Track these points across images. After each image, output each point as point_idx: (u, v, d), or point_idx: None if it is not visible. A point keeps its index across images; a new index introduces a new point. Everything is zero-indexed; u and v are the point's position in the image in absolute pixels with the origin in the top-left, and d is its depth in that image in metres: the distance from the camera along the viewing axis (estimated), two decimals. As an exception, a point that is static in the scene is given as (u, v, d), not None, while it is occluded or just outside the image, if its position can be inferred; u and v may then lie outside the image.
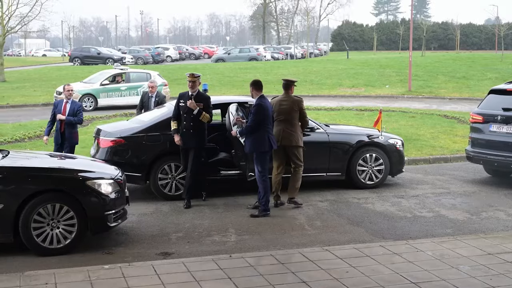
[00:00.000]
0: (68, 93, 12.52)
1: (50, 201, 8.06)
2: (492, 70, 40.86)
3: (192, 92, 10.72)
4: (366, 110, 23.75)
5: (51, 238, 8.08)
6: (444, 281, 6.87)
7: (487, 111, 12.62)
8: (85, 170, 8.73)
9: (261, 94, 10.45)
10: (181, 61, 70.08)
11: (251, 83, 10.63)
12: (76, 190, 8.23)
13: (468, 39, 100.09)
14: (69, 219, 8.14)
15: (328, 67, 45.53)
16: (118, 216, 8.64)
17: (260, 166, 10.16)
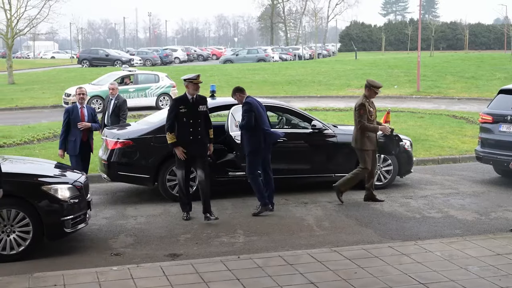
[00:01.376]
0: (80, 97, 11.38)
1: (5, 206, 7.85)
2: (501, 70, 40.71)
3: (194, 94, 9.91)
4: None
5: (4, 245, 7.89)
6: (452, 282, 6.85)
7: (497, 111, 12.58)
8: (42, 175, 8.50)
9: (247, 96, 10.47)
10: (189, 62, 70.23)
11: (234, 90, 10.48)
12: (31, 195, 8.02)
13: (477, 39, 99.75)
14: (24, 225, 7.95)
15: (336, 68, 45.49)
16: (78, 221, 8.40)
17: (249, 164, 10.29)
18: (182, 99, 9.96)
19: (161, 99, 26.83)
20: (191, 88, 9.83)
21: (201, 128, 9.84)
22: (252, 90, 32.70)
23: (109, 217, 10.19)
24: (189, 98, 9.86)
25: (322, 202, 11.14)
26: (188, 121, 9.75)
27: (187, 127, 9.75)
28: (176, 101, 10.06)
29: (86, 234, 9.21)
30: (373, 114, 11.01)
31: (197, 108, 9.83)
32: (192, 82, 9.80)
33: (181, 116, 9.75)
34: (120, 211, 10.54)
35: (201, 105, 9.92)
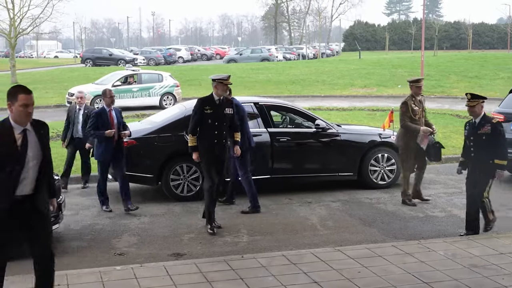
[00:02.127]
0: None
1: None
2: (504, 69, 40.64)
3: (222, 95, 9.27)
4: (378, 110, 23.68)
5: None
6: (456, 281, 6.85)
7: (509, 110, 12.61)
8: None
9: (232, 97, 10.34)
10: (193, 62, 70.20)
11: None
12: None
13: (481, 39, 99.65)
14: None
15: (340, 67, 45.45)
16: None
17: (240, 166, 10.41)
18: (208, 100, 9.26)
19: (165, 99, 26.84)
20: (220, 89, 9.18)
21: (226, 132, 9.28)
22: (256, 90, 32.73)
23: (112, 217, 10.20)
24: (215, 99, 9.20)
25: (325, 201, 11.13)
26: (213, 123, 9.10)
27: (212, 130, 9.11)
28: (202, 101, 9.24)
29: (89, 233, 9.23)
30: (418, 113, 10.70)
31: (224, 110, 9.22)
32: (221, 82, 9.16)
33: (206, 117, 9.10)
34: (124, 211, 10.55)
35: (227, 107, 9.31)
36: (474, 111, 8.68)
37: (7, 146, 5.41)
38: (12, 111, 5.43)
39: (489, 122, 8.63)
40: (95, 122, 10.52)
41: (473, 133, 8.70)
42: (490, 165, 8.60)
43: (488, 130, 8.55)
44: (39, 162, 5.56)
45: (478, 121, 8.67)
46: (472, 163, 8.80)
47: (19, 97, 5.42)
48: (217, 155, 9.14)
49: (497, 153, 8.59)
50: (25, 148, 5.45)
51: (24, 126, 5.47)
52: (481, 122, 8.64)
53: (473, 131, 8.70)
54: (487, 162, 8.60)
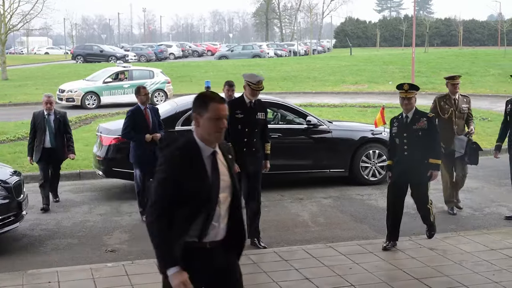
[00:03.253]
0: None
1: None
2: (495, 66, 40.77)
3: (253, 99, 8.23)
4: (369, 106, 23.72)
5: None
6: (447, 277, 6.87)
7: None
8: None
9: None
10: (184, 58, 70.08)
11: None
12: None
13: (471, 35, 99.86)
14: None
15: (331, 64, 45.49)
16: (6, 222, 8.17)
17: None
18: (238, 103, 8.26)
19: (156, 95, 26.80)
20: (248, 92, 8.20)
21: (257, 139, 8.26)
22: (247, 86, 32.67)
23: (103, 214, 10.17)
24: (246, 102, 8.22)
25: (317, 198, 11.14)
26: (244, 129, 8.12)
27: (242, 136, 8.10)
28: (232, 104, 7.97)
29: (80, 230, 9.21)
30: (448, 112, 9.89)
31: (255, 115, 8.22)
32: (250, 86, 8.16)
33: (236, 122, 8.01)
34: (115, 208, 10.52)
35: (260, 112, 8.28)
36: (411, 103, 7.83)
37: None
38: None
39: (424, 116, 7.86)
40: (130, 122, 9.65)
41: (405, 129, 7.81)
42: (426, 165, 7.83)
43: (424, 125, 7.77)
44: None
45: (411, 116, 7.84)
46: (404, 163, 7.82)
47: None
48: (246, 166, 8.06)
49: (433, 151, 7.86)
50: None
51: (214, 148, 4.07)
52: (415, 116, 7.84)
53: (406, 127, 7.80)
54: (423, 162, 7.83)
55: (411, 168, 7.80)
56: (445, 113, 9.92)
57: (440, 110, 9.94)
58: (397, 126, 7.93)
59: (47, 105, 10.48)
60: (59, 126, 10.49)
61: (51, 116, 10.51)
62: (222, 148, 4.08)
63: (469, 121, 10.07)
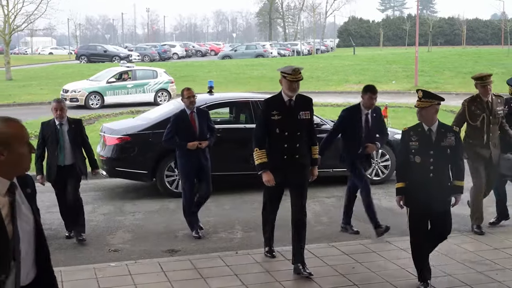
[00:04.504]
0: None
1: None
2: (498, 65, 40.70)
3: (292, 95, 6.98)
4: (372, 106, 23.67)
5: None
6: (450, 276, 6.87)
7: None
8: None
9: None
10: (187, 58, 70.18)
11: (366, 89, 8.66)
12: None
13: (475, 34, 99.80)
14: None
15: (335, 63, 45.47)
16: None
17: None
18: (275, 101, 7.05)
19: (159, 95, 26.85)
20: (285, 86, 6.93)
21: (301, 144, 6.99)
22: (250, 86, 32.72)
23: (107, 213, 10.20)
24: (285, 100, 6.96)
25: (320, 197, 11.14)
26: (283, 133, 6.90)
27: (281, 141, 6.91)
28: (268, 104, 7.08)
29: (84, 230, 9.22)
30: (480, 118, 8.45)
31: (297, 115, 6.94)
32: (285, 77, 6.93)
33: (273, 125, 6.90)
34: (118, 207, 10.54)
35: (303, 110, 6.99)
36: (427, 114, 6.39)
37: None
38: None
39: (451, 131, 6.45)
40: (173, 128, 8.83)
41: (432, 145, 6.34)
42: (450, 188, 6.51)
43: (452, 142, 6.37)
44: None
45: (436, 129, 6.40)
46: (429, 188, 6.29)
47: None
48: (287, 176, 7.02)
49: (459, 171, 6.52)
50: None
51: None
52: (441, 130, 6.41)
53: (433, 143, 6.35)
54: (447, 186, 6.48)
55: (437, 194, 6.33)
56: (476, 119, 8.50)
57: (470, 116, 8.54)
58: (419, 141, 6.37)
59: (57, 112, 8.47)
60: (75, 138, 8.60)
61: (65, 126, 8.55)
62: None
63: (506, 129, 8.68)
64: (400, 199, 6.54)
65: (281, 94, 7.00)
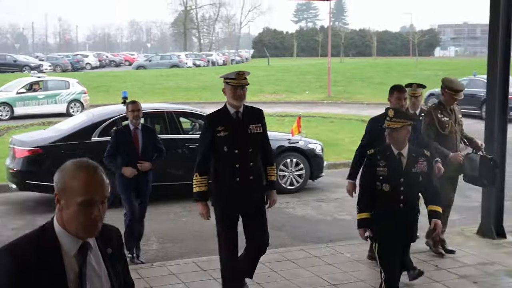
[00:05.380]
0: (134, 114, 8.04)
1: None
2: (407, 76, 42.01)
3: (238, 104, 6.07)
4: (287, 116, 24.04)
5: None
6: (362, 282, 7.04)
7: None
8: None
9: None
10: (101, 68, 68.97)
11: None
12: None
13: (385, 46, 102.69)
14: None
15: (250, 74, 45.76)
16: None
17: None
18: (219, 115, 6.09)
19: (72, 106, 26.30)
20: (231, 94, 5.99)
21: (255, 163, 6.04)
22: (165, 96, 32.52)
23: (17, 228, 9.89)
24: (231, 113, 6.04)
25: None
26: (232, 151, 5.93)
27: (231, 161, 5.94)
28: (211, 119, 6.11)
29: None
30: (449, 126, 7.78)
31: (247, 128, 6.01)
32: (229, 83, 6.04)
33: (220, 143, 5.93)
34: (30, 221, 10.25)
35: (253, 123, 6.06)
36: (398, 136, 5.56)
37: None
38: None
39: (422, 156, 5.67)
40: (114, 144, 8.02)
41: (402, 172, 5.56)
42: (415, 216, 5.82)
43: (424, 168, 5.62)
44: None
45: (407, 154, 5.61)
46: (399, 219, 5.61)
47: None
48: (241, 203, 6.04)
49: (435, 195, 5.74)
50: None
51: None
52: (412, 155, 5.63)
53: (403, 169, 5.57)
54: (416, 216, 5.83)
55: (407, 225, 5.75)
56: (445, 127, 7.82)
57: (439, 124, 7.80)
58: (388, 166, 5.58)
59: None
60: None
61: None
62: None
63: (468, 135, 8.19)
64: (365, 231, 5.78)
65: (225, 106, 6.06)
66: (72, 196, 2.54)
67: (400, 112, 5.71)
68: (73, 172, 2.56)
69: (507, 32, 8.52)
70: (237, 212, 6.07)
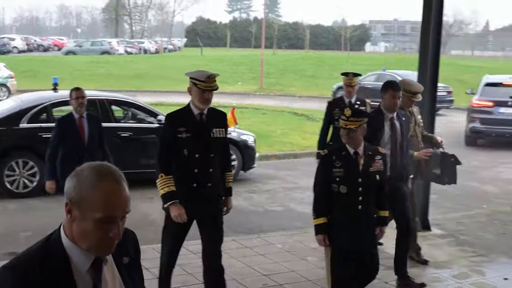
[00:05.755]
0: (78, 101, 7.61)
1: None
2: (339, 69, 42.50)
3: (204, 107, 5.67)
4: (219, 106, 23.97)
5: None
6: (293, 272, 7.14)
7: (496, 98, 17.18)
8: None
9: None
10: (28, 52, 67.14)
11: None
12: None
13: (317, 39, 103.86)
14: None
15: (182, 63, 45.50)
16: None
17: None
18: (182, 115, 5.71)
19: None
20: (198, 97, 5.57)
21: (214, 169, 5.66)
22: (96, 84, 31.96)
23: None
24: (195, 114, 5.65)
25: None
26: (193, 155, 5.55)
27: (191, 166, 5.57)
28: (172, 119, 5.70)
29: None
30: (411, 130, 7.42)
31: (210, 132, 5.64)
32: (196, 85, 5.57)
33: (180, 145, 5.55)
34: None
35: (216, 127, 5.69)
36: (356, 136, 5.27)
37: None
38: None
39: (378, 154, 5.44)
40: (58, 134, 7.62)
41: (360, 172, 5.29)
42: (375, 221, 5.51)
43: (380, 166, 5.40)
44: None
45: (362, 153, 5.34)
46: (357, 223, 5.30)
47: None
48: (197, 207, 5.68)
49: (383, 200, 5.53)
50: None
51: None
52: (368, 153, 5.37)
53: (361, 169, 5.30)
54: (374, 219, 5.49)
55: (366, 230, 5.40)
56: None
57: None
58: (344, 167, 5.29)
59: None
60: None
61: None
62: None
63: (428, 135, 7.98)
64: (324, 238, 5.45)
65: (189, 106, 5.67)
66: (89, 210, 2.19)
67: (357, 110, 5.45)
68: (93, 181, 2.21)
69: (438, 29, 8.77)
70: (191, 218, 5.74)
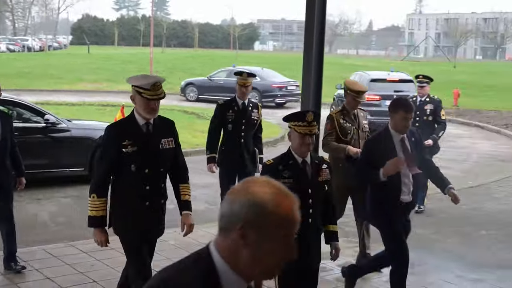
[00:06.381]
0: None
1: None
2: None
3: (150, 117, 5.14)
4: (108, 105, 23.72)
5: None
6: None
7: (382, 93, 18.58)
8: None
9: None
10: None
11: None
12: None
13: (206, 38, 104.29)
14: None
15: (69, 61, 44.52)
16: None
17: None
18: (126, 126, 5.14)
19: None
20: (144, 107, 5.02)
21: (165, 184, 5.38)
22: (-24, 82, 30.74)
23: None
24: (140, 125, 5.08)
25: (56, 197, 10.97)
26: (142, 171, 5.07)
27: (140, 183, 5.10)
28: (115, 130, 5.15)
29: None
30: (351, 133, 7.20)
31: (158, 143, 5.16)
32: (141, 94, 4.97)
33: (126, 160, 5.02)
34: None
35: (165, 137, 5.24)
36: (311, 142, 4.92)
37: None
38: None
39: (323, 162, 5.12)
40: None
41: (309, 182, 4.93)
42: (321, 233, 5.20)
43: (327, 175, 5.09)
44: None
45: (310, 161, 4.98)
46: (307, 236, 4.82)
47: None
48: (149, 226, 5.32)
49: (333, 213, 5.27)
50: None
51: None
52: (315, 162, 5.03)
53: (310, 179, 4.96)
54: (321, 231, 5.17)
55: (315, 245, 5.09)
56: (347, 134, 7.24)
57: (341, 131, 7.23)
58: (293, 177, 4.83)
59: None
60: None
61: None
62: None
63: None
64: None
65: (133, 116, 5.09)
66: (277, 228, 2.02)
67: (316, 113, 4.94)
68: (276, 198, 2.03)
69: (322, 29, 9.10)
70: (145, 239, 5.36)
